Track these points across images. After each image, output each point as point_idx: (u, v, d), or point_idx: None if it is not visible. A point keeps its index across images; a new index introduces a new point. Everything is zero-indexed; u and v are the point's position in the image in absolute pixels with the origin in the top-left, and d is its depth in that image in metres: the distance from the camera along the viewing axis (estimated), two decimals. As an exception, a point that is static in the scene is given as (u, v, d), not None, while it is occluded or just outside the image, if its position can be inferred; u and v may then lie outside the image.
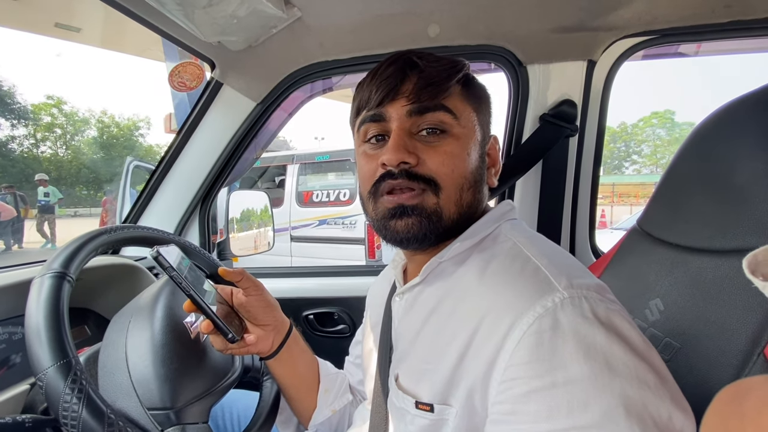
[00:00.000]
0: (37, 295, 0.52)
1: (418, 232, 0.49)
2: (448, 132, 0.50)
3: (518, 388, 0.37)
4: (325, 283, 1.25)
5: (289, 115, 1.29)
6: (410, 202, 0.48)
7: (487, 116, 0.56)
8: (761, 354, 0.44)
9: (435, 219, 0.49)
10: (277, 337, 0.68)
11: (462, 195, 0.50)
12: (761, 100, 0.53)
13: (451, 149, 0.49)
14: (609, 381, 0.34)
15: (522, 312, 0.39)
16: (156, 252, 0.51)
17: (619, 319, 0.38)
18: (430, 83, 0.49)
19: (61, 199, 10.62)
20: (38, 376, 0.48)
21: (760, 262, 0.23)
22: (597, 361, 0.35)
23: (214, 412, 0.86)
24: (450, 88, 0.50)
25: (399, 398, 0.50)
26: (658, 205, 0.67)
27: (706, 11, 0.85)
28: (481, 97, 0.55)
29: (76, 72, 73.99)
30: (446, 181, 0.49)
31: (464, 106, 0.51)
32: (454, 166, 0.49)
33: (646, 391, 0.34)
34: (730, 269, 0.51)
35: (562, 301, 0.39)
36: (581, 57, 0.97)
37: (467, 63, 0.54)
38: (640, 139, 40.55)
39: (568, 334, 0.36)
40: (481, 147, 0.53)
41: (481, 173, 0.53)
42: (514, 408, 0.37)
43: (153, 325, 0.62)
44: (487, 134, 0.55)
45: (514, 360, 0.38)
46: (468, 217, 0.51)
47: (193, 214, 1.21)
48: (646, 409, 0.33)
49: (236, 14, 0.80)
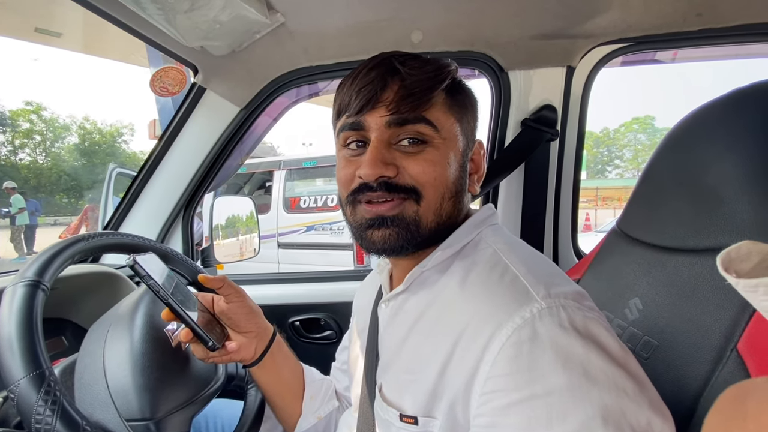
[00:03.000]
0: (9, 304, 0.51)
1: (395, 243, 0.48)
2: (428, 142, 0.49)
3: (498, 400, 0.37)
4: (311, 289, 1.24)
5: (273, 121, 1.29)
6: (390, 213, 0.48)
7: (472, 122, 0.55)
8: (734, 349, 0.45)
9: (413, 228, 0.48)
10: (260, 344, 0.67)
11: (442, 204, 0.49)
12: (730, 104, 0.55)
13: (431, 158, 0.48)
14: (587, 391, 0.34)
15: (501, 323, 0.40)
16: (132, 260, 0.50)
17: (596, 327, 0.39)
18: (411, 93, 0.47)
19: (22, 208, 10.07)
20: (10, 389, 0.46)
21: (733, 259, 0.24)
22: (575, 371, 0.35)
23: (197, 422, 0.84)
24: (432, 98, 0.48)
25: (384, 410, 0.50)
26: (636, 207, 0.69)
27: (678, 20, 0.88)
28: (466, 104, 0.53)
29: (57, 78, 72.54)
30: (428, 189, 0.48)
31: (447, 116, 0.50)
32: (436, 174, 0.48)
33: (624, 398, 0.34)
34: (703, 268, 0.52)
35: (540, 312, 0.39)
36: (560, 63, 0.99)
37: (454, 66, 0.52)
38: (622, 144, 41.53)
39: (546, 345, 0.37)
40: (462, 156, 0.52)
41: (461, 183, 0.52)
42: (494, 421, 0.37)
43: (132, 334, 0.60)
44: (470, 141, 0.54)
45: (494, 372, 0.38)
46: (447, 226, 0.51)
47: (176, 220, 1.19)
48: (624, 417, 0.33)
49: (219, 19, 0.79)
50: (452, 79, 0.51)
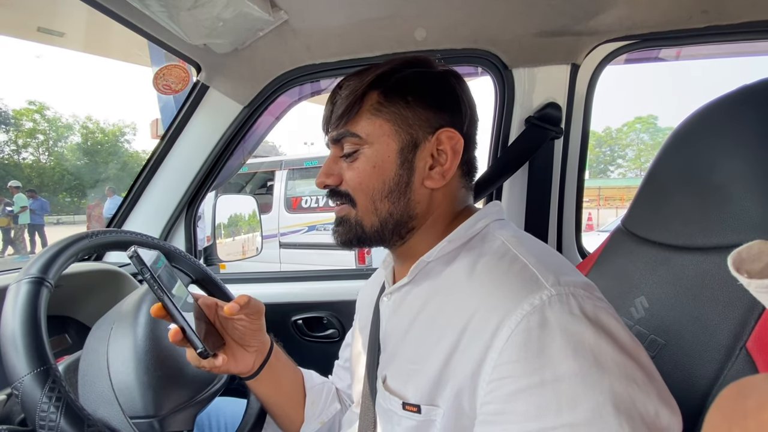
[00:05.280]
0: (14, 300, 0.50)
1: (344, 238, 0.55)
2: (359, 152, 0.53)
3: (507, 387, 0.37)
4: (314, 288, 1.24)
5: (276, 119, 1.29)
6: (339, 215, 0.56)
7: (420, 113, 0.51)
8: (743, 348, 0.44)
9: (357, 229, 0.54)
10: (259, 358, 0.64)
11: (375, 205, 0.52)
12: (738, 100, 0.54)
13: (358, 165, 0.52)
14: (598, 378, 0.34)
15: (510, 310, 0.39)
16: (133, 251, 0.48)
17: (606, 316, 0.38)
18: (337, 114, 0.53)
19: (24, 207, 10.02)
20: (14, 385, 0.46)
21: (744, 259, 0.23)
22: (585, 358, 0.35)
23: (200, 420, 0.84)
24: (354, 112, 0.52)
25: (386, 399, 0.49)
26: (641, 205, 0.68)
27: (684, 17, 0.87)
28: (407, 94, 0.51)
29: (60, 77, 72.82)
30: (358, 194, 0.53)
31: (372, 121, 0.51)
32: (361, 180, 0.52)
33: (634, 387, 0.34)
34: (711, 266, 0.52)
35: (550, 299, 0.39)
36: (565, 61, 0.99)
37: (392, 65, 0.53)
38: (624, 143, 41.40)
39: (556, 332, 0.37)
40: (401, 153, 0.51)
41: (398, 182, 0.51)
42: (504, 407, 0.37)
43: (136, 332, 0.60)
44: (419, 135, 0.51)
45: (502, 359, 0.38)
46: (397, 222, 0.53)
47: (178, 218, 1.19)
48: (634, 406, 0.33)
49: (222, 17, 0.79)
50: (381, 78, 0.52)
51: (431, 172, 0.52)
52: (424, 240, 0.54)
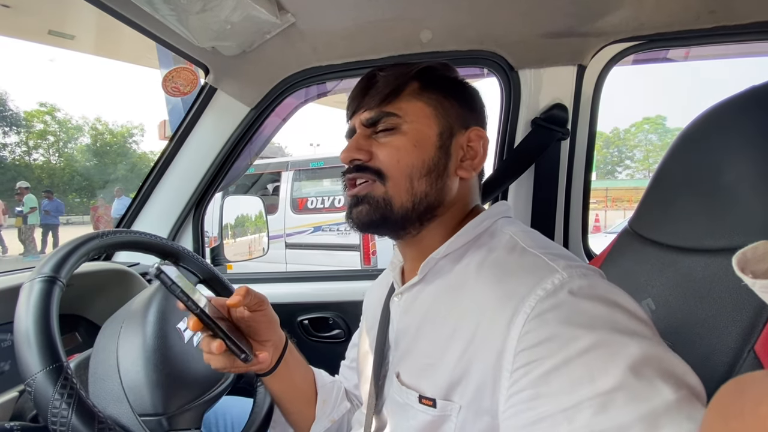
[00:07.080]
0: (27, 299, 0.52)
1: (366, 218, 0.53)
2: (396, 130, 0.53)
3: (535, 371, 0.37)
4: (320, 288, 1.25)
5: (282, 121, 1.30)
6: (361, 192, 0.54)
7: (456, 108, 0.56)
8: (751, 350, 0.44)
9: (384, 206, 0.52)
10: (275, 353, 0.63)
11: (413, 183, 0.52)
12: (746, 102, 0.54)
13: (397, 143, 0.53)
14: (621, 344, 0.34)
15: (523, 297, 0.40)
16: (157, 270, 0.46)
17: (621, 295, 0.39)
18: (378, 92, 0.54)
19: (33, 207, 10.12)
20: (27, 382, 0.47)
21: (749, 259, 0.23)
22: (604, 328, 0.36)
23: (207, 419, 0.85)
24: (399, 90, 0.54)
25: (401, 394, 0.50)
26: (648, 206, 0.68)
27: (692, 17, 0.87)
28: (444, 90, 0.56)
29: (70, 79, 73.76)
30: (392, 171, 0.52)
31: (414, 103, 0.54)
32: (400, 156, 0.52)
33: (659, 349, 0.35)
34: (719, 268, 0.51)
35: (562, 282, 0.40)
36: (571, 62, 0.98)
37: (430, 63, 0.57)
38: (632, 144, 41.03)
39: (572, 310, 0.37)
40: (439, 137, 0.54)
41: (437, 163, 0.53)
42: (538, 392, 0.36)
43: (145, 331, 0.61)
44: (454, 126, 0.55)
45: (521, 345, 0.38)
46: (428, 205, 0.53)
47: (186, 219, 1.21)
48: (663, 364, 0.33)
49: (230, 19, 0.80)
50: (424, 71, 0.56)
51: (462, 163, 0.55)
52: (437, 232, 0.55)
